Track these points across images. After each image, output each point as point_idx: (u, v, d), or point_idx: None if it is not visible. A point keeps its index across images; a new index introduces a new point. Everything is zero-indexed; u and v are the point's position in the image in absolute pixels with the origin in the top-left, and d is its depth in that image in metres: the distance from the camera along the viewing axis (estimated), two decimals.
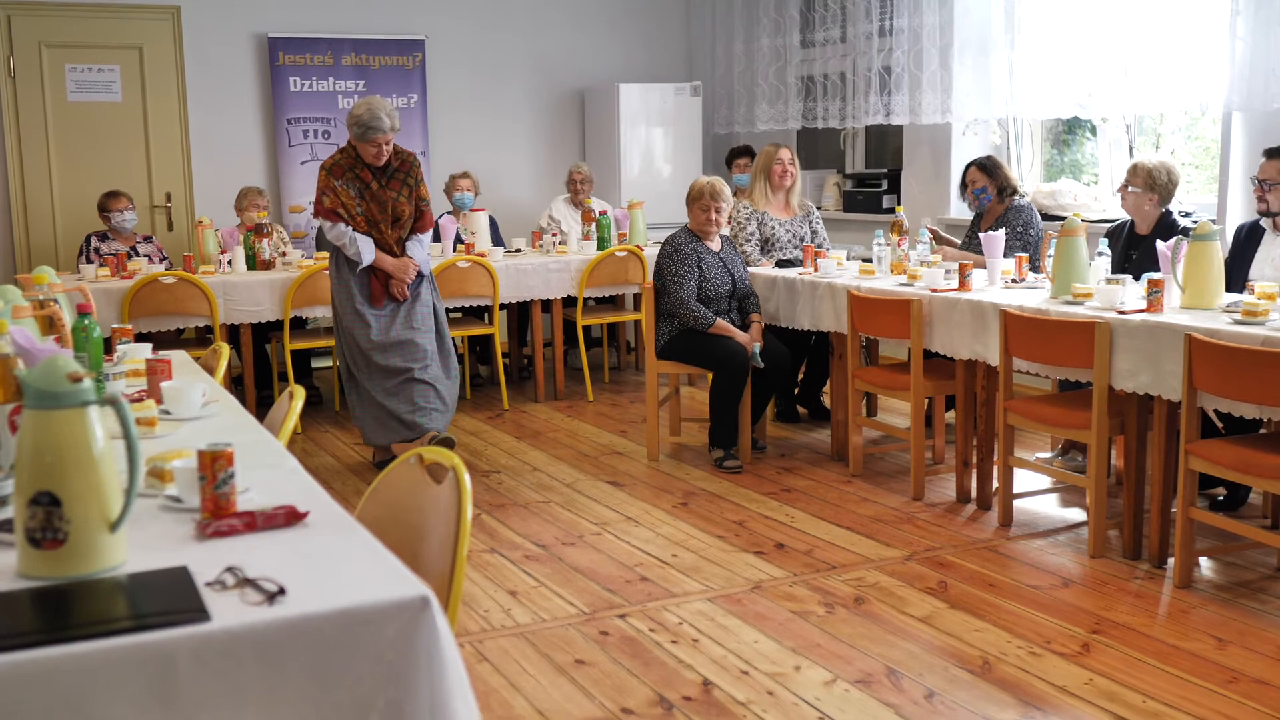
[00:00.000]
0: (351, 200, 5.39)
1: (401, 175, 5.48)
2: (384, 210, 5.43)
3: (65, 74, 7.83)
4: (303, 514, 2.08)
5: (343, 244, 5.43)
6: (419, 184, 5.58)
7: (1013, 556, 4.32)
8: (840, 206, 8.51)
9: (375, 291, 5.51)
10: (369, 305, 5.51)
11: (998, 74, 7.00)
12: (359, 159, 5.40)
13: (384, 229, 5.45)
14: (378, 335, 5.51)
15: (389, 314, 5.53)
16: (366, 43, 8.51)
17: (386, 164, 5.43)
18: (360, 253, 5.40)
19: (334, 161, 5.45)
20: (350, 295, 5.50)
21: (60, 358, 1.84)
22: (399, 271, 5.48)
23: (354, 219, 5.41)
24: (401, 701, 1.73)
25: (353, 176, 5.40)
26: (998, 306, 4.58)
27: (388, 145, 5.36)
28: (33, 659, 1.56)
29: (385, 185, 5.44)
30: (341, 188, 5.39)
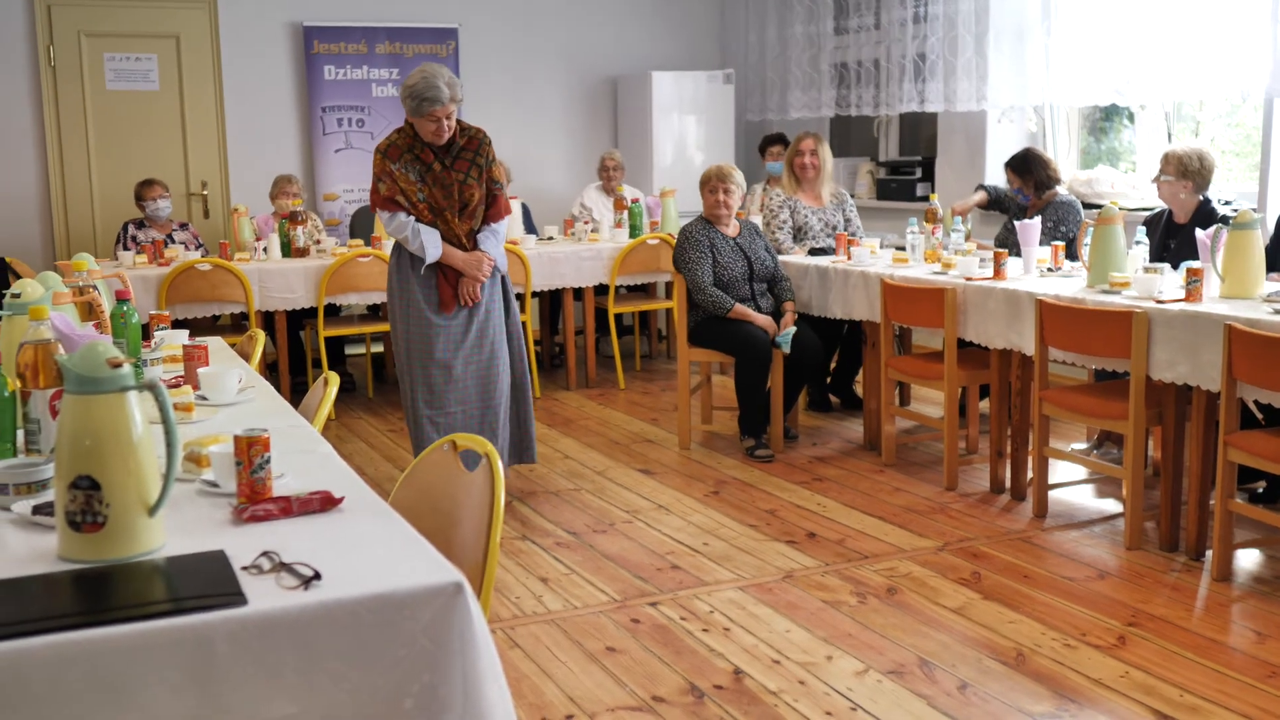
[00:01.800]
0: (412, 185, 4.63)
1: (469, 155, 4.69)
2: (449, 196, 4.66)
3: (104, 63, 7.89)
4: (338, 499, 2.09)
5: (403, 238, 4.69)
6: (491, 164, 4.76)
7: (1047, 548, 4.30)
8: (873, 194, 8.47)
9: (445, 296, 4.72)
10: (437, 313, 4.72)
11: (1034, 60, 6.94)
12: (418, 138, 4.63)
13: (450, 218, 4.68)
14: (444, 352, 4.72)
15: (460, 324, 4.75)
16: (400, 31, 8.52)
17: (451, 142, 4.65)
18: (425, 246, 4.64)
19: (389, 142, 4.69)
20: (414, 300, 4.73)
21: (100, 343, 1.86)
22: (470, 268, 4.70)
23: (415, 207, 4.65)
24: (435, 686, 1.74)
25: (412, 158, 4.63)
26: (1033, 295, 4.54)
27: (449, 119, 4.56)
28: (73, 640, 1.57)
29: (450, 166, 4.65)
30: (399, 171, 4.62)
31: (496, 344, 4.82)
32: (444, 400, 4.74)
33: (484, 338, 4.80)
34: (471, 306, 4.77)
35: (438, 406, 4.74)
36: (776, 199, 6.25)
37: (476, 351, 4.78)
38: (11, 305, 2.72)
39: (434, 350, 4.72)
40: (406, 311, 4.76)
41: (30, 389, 2.28)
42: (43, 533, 1.97)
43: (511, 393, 4.92)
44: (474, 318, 4.79)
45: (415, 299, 4.72)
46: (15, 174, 7.79)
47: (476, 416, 4.80)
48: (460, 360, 4.74)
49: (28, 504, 2.05)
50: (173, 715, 1.62)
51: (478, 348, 4.79)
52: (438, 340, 4.72)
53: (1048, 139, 7.33)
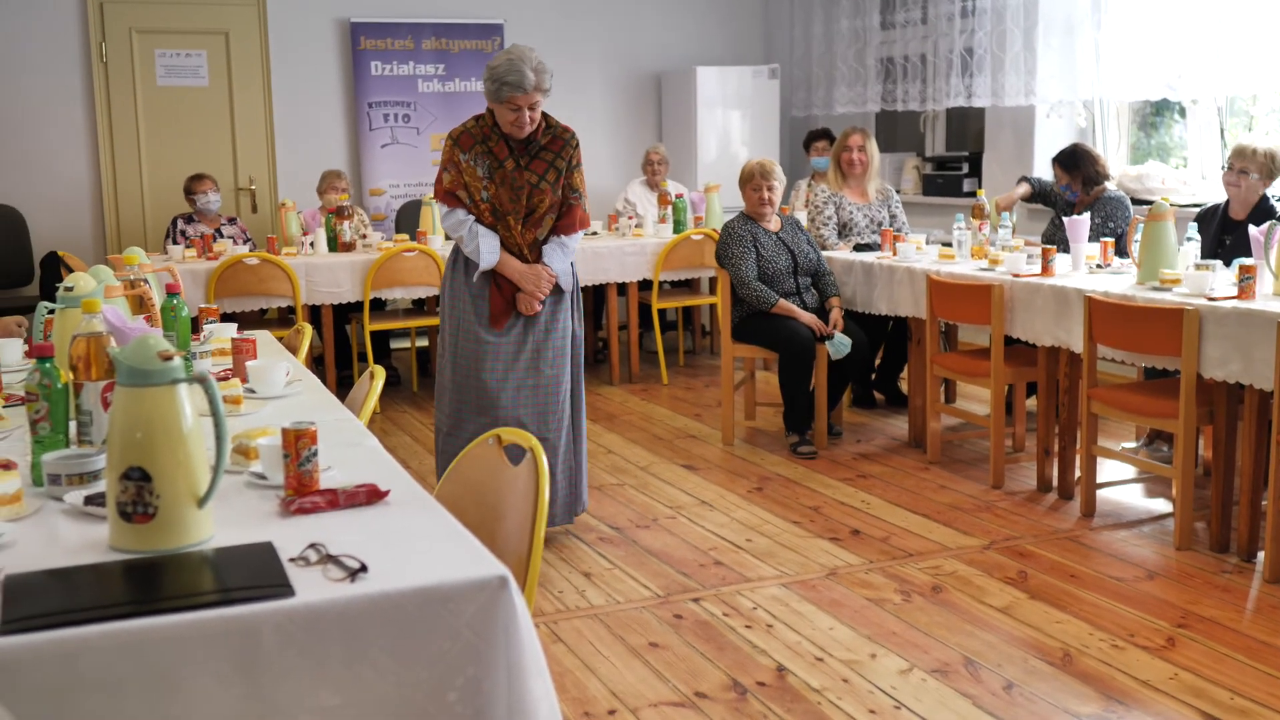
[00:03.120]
0: (477, 181, 4.13)
1: (550, 155, 4.17)
2: (516, 199, 4.14)
3: (155, 59, 7.98)
4: (384, 492, 2.10)
5: (459, 237, 4.19)
6: (573, 169, 4.24)
7: (1095, 547, 4.25)
8: (919, 190, 8.41)
9: (496, 308, 4.19)
10: (487, 327, 4.19)
11: (1083, 54, 6.87)
12: (495, 128, 4.14)
13: (513, 223, 4.16)
14: (493, 375, 4.16)
15: (513, 342, 4.20)
16: (446, 27, 8.56)
17: (531, 139, 4.15)
18: (480, 251, 4.13)
19: (463, 129, 4.19)
20: (463, 309, 4.23)
21: (151, 337, 1.88)
22: (527, 282, 4.17)
23: (477, 206, 4.15)
24: (480, 679, 1.74)
25: (483, 150, 4.13)
26: (1082, 292, 4.50)
27: (533, 111, 4.06)
28: (125, 629, 1.59)
29: (525, 166, 4.14)
30: (467, 163, 4.13)
31: (557, 370, 4.25)
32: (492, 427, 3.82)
33: (539, 360, 4.22)
34: (528, 320, 4.23)
35: (471, 436, 3.90)
36: (821, 195, 6.22)
37: (531, 375, 4.20)
38: (64, 298, 2.75)
39: (481, 371, 4.16)
40: (456, 322, 4.25)
41: (83, 381, 2.31)
42: (94, 523, 1.99)
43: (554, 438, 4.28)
44: (529, 336, 4.22)
45: (465, 309, 4.22)
46: (68, 169, 7.89)
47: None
48: (511, 385, 4.18)
49: (80, 494, 2.08)
50: (220, 704, 1.64)
51: (533, 370, 4.21)
52: (486, 360, 4.17)
53: (1097, 134, 7.25)
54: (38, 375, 2.25)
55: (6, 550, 1.87)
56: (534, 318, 4.21)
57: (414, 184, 8.55)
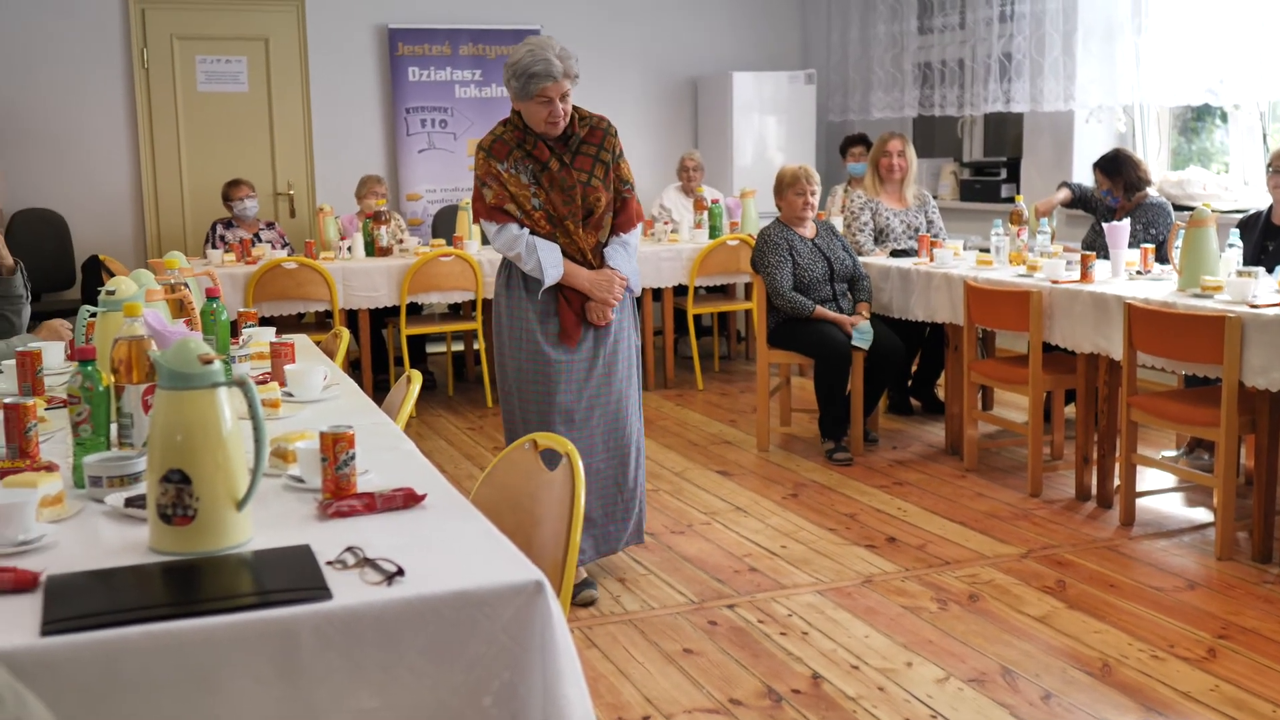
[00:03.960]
0: (524, 190, 3.78)
1: (592, 149, 3.86)
2: (570, 201, 3.80)
3: (195, 65, 8.06)
4: (420, 496, 2.10)
5: (515, 255, 3.80)
6: (618, 159, 3.94)
7: (1134, 557, 4.21)
8: (957, 195, 8.37)
9: (567, 324, 3.84)
10: (558, 346, 3.85)
11: (1124, 59, 6.81)
12: (529, 131, 3.79)
13: (573, 229, 3.82)
14: (567, 395, 3.83)
15: (585, 358, 3.87)
16: (483, 33, 8.59)
17: (569, 134, 3.82)
18: (543, 266, 3.76)
19: (494, 137, 3.83)
20: (528, 331, 3.85)
21: (192, 340, 1.89)
22: (599, 289, 3.83)
23: (530, 216, 3.79)
24: (515, 684, 1.74)
25: (523, 155, 3.78)
26: (1121, 299, 4.46)
27: (564, 101, 3.72)
28: (164, 631, 1.60)
29: (570, 165, 3.81)
30: (508, 173, 3.77)
31: (627, 383, 3.97)
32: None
33: (612, 374, 3.92)
34: (598, 331, 3.91)
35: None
36: (858, 200, 6.20)
37: (604, 390, 3.91)
38: (106, 302, 2.78)
39: (555, 393, 3.81)
40: (518, 344, 3.87)
41: (124, 384, 2.33)
42: (134, 525, 2.01)
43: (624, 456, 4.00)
44: (600, 349, 3.91)
45: (530, 330, 3.84)
46: (110, 173, 7.98)
47: (607, 475, 3.94)
48: (585, 403, 3.87)
49: (120, 496, 2.10)
50: (258, 706, 1.64)
51: (606, 385, 3.91)
52: (560, 381, 3.82)
53: (1137, 139, 7.18)
54: (80, 378, 2.28)
55: (49, 551, 1.89)
56: (603, 330, 3.90)
57: (450, 189, 8.59)
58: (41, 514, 2.01)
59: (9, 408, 2.34)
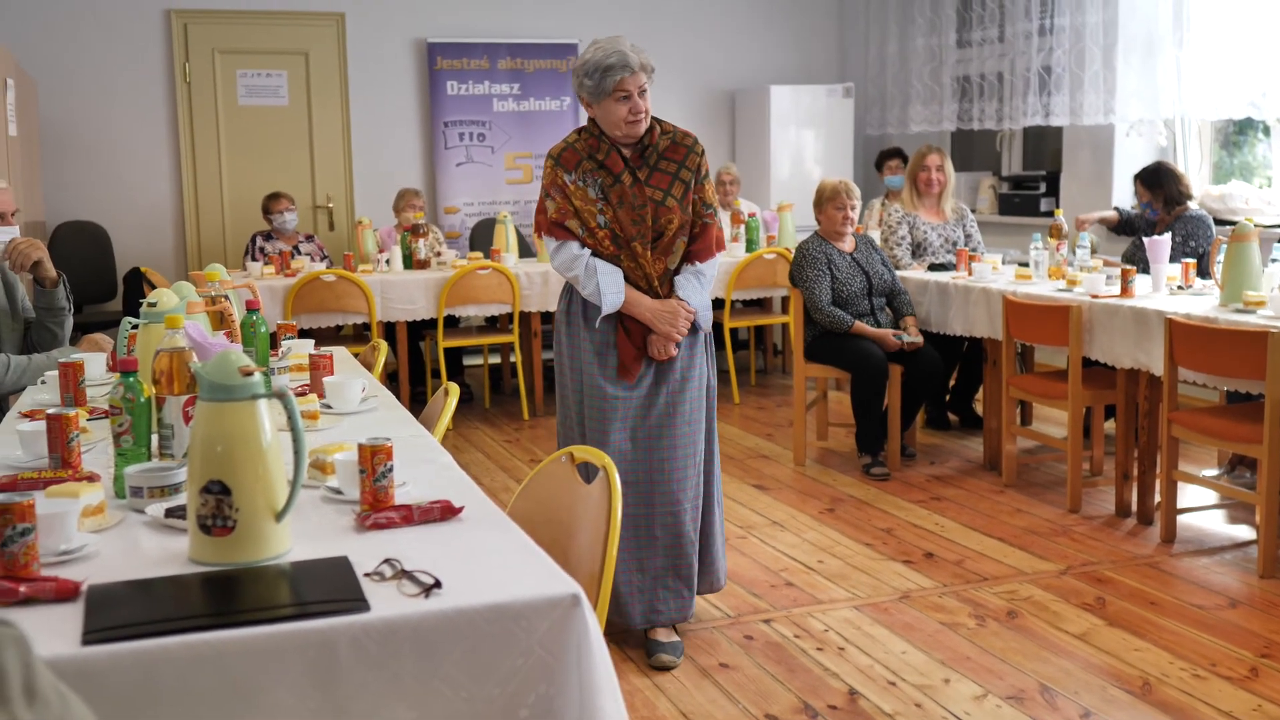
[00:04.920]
0: (590, 205, 3.44)
1: (672, 165, 3.49)
2: (640, 221, 3.44)
3: (236, 79, 8.14)
4: (458, 509, 2.11)
5: (573, 277, 3.48)
6: (702, 180, 3.55)
7: (1175, 574, 4.16)
8: (995, 209, 8.32)
9: (626, 357, 3.49)
10: (615, 380, 3.49)
11: (1165, 72, 6.76)
12: (604, 139, 3.46)
13: (640, 251, 3.45)
14: (621, 434, 3.46)
15: (642, 395, 3.50)
16: (522, 47, 8.63)
17: (647, 146, 3.48)
18: (602, 291, 3.42)
19: (565, 146, 3.51)
20: (584, 360, 3.52)
21: (233, 352, 1.91)
22: (661, 321, 3.46)
23: (593, 234, 3.45)
24: (552, 697, 1.74)
25: (594, 166, 3.45)
26: (1162, 314, 4.42)
27: (643, 98, 3.41)
28: (203, 641, 1.61)
29: (645, 180, 3.46)
30: (575, 185, 3.45)
31: (693, 425, 3.56)
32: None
33: (675, 414, 3.52)
34: (660, 368, 3.54)
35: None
36: (895, 214, 6.17)
37: (665, 434, 3.50)
38: (148, 314, 2.81)
39: (609, 431, 3.46)
40: (576, 375, 3.56)
41: (165, 395, 2.35)
42: (174, 535, 2.03)
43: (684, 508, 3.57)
44: (663, 385, 3.53)
45: (587, 361, 3.52)
46: (151, 186, 8.07)
47: (669, 527, 3.52)
48: (641, 445, 3.49)
49: (161, 507, 2.12)
50: (295, 717, 1.65)
51: (666, 428, 3.50)
52: (614, 418, 3.46)
53: (1178, 153, 7.12)
54: (121, 389, 2.30)
55: (90, 561, 1.91)
56: (668, 365, 3.52)
57: (488, 202, 8.63)
58: (83, 524, 2.03)
59: (52, 418, 2.37)
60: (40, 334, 3.94)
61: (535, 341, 6.93)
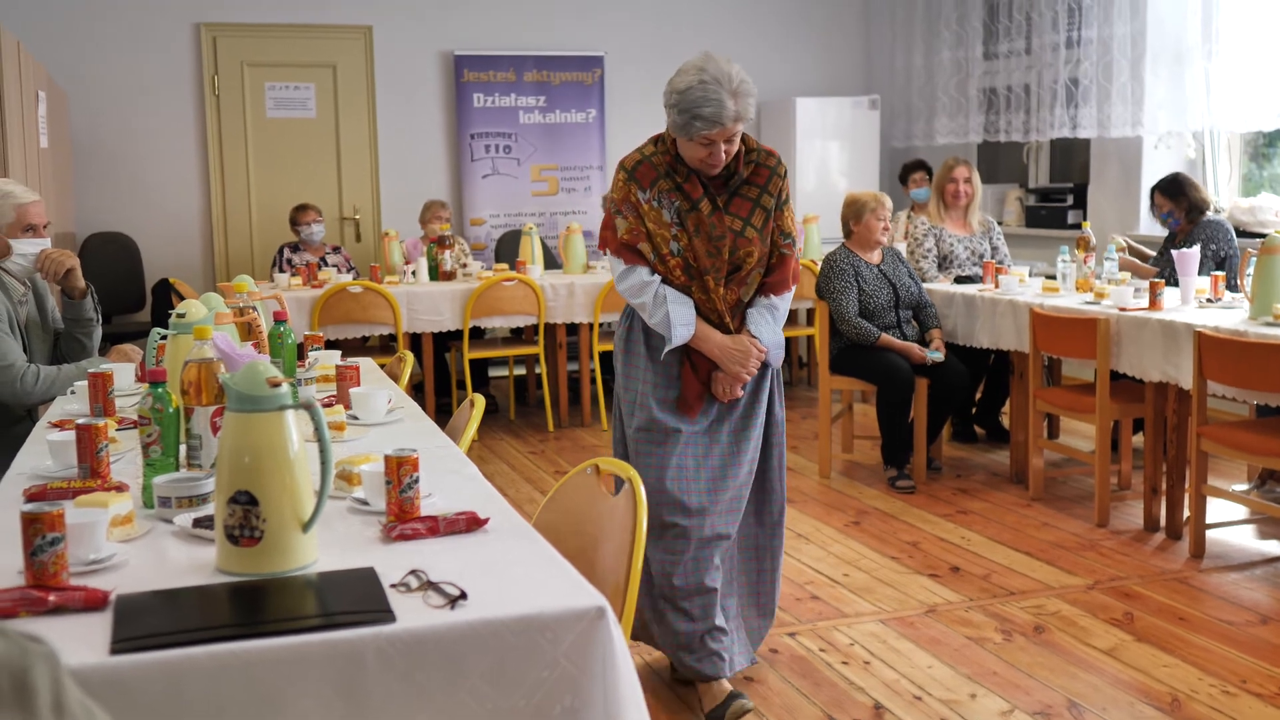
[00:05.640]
0: (664, 229, 3.14)
1: (754, 191, 3.21)
2: (716, 252, 3.15)
3: (265, 92, 8.20)
4: (483, 520, 2.11)
5: (640, 304, 3.20)
6: (781, 207, 3.26)
7: (1205, 589, 4.13)
8: (1022, 222, 8.29)
9: (689, 392, 3.23)
10: (674, 413, 3.23)
11: (1193, 85, 6.73)
12: (680, 158, 3.18)
13: (713, 285, 3.18)
14: (682, 472, 3.20)
15: (705, 433, 3.25)
16: (548, 59, 8.66)
17: (731, 172, 3.19)
18: (671, 322, 3.15)
19: (640, 159, 3.22)
20: (643, 392, 3.25)
21: (261, 363, 1.92)
22: (731, 360, 3.19)
23: (664, 262, 3.17)
24: (577, 709, 1.74)
25: (671, 187, 3.16)
26: (1191, 327, 4.38)
27: (729, 146, 3.11)
28: (230, 651, 1.62)
29: (724, 207, 3.18)
30: (649, 205, 3.15)
31: (750, 471, 3.33)
32: (676, 542, 3.20)
33: (740, 451, 3.29)
34: (725, 405, 3.28)
35: (672, 550, 3.21)
36: (921, 227, 6.16)
37: (729, 471, 3.27)
38: (177, 325, 2.82)
39: (665, 465, 3.20)
40: (632, 405, 3.29)
41: (193, 406, 2.36)
42: (202, 545, 2.04)
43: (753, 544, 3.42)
44: (725, 423, 3.29)
45: (645, 391, 3.25)
46: (180, 198, 8.13)
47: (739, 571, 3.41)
48: (702, 486, 3.23)
49: (189, 517, 2.13)
50: None
51: (732, 465, 3.27)
52: (673, 455, 3.21)
53: (1206, 165, 7.08)
54: (150, 400, 2.31)
55: (118, 570, 1.92)
56: (730, 403, 3.29)
57: (514, 214, 8.66)
58: (112, 533, 2.04)
59: (81, 428, 2.39)
60: (69, 345, 3.97)
61: (560, 353, 6.94)
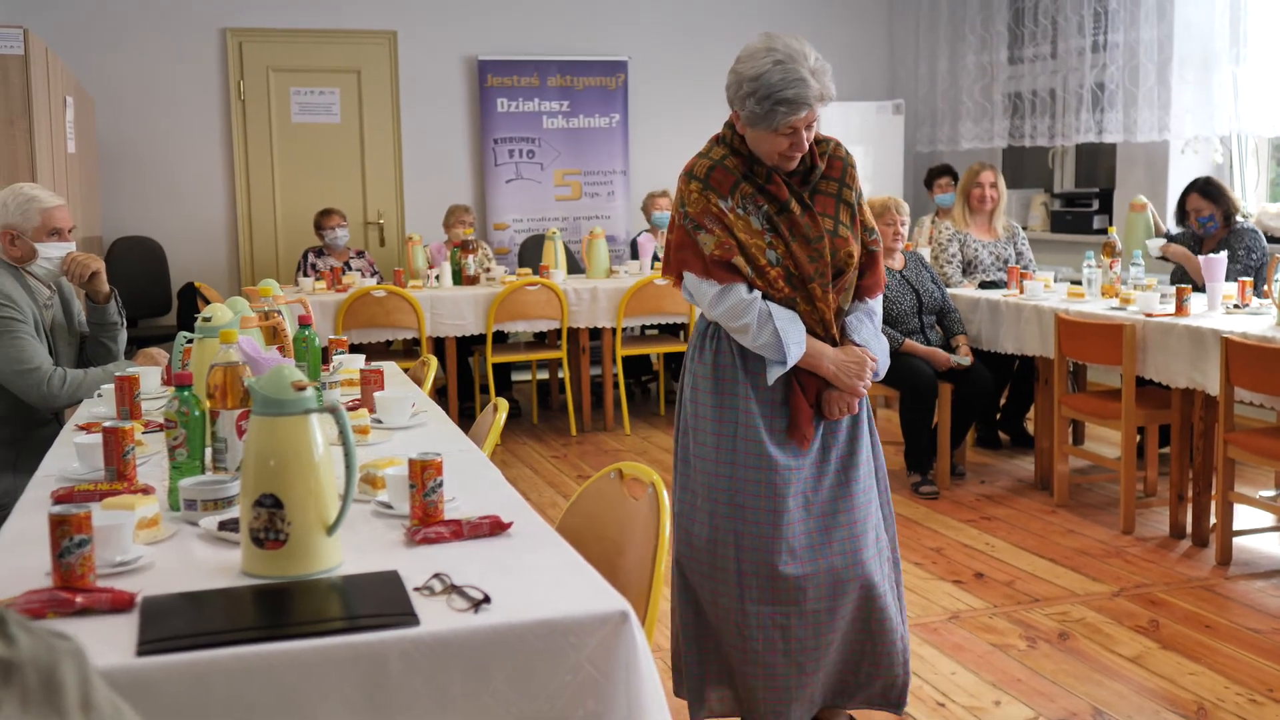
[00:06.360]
0: (757, 238, 2.79)
1: (832, 185, 2.89)
2: (818, 254, 2.80)
3: (290, 97, 8.24)
4: (507, 524, 2.11)
5: (741, 326, 2.79)
6: (860, 200, 2.94)
7: (1231, 597, 4.09)
8: (1047, 227, 8.25)
9: (800, 417, 2.84)
10: (783, 446, 2.84)
11: (1221, 89, 6.68)
12: (753, 158, 2.85)
13: (819, 293, 2.82)
14: (795, 513, 2.82)
15: (813, 464, 2.87)
16: (571, 64, 8.68)
17: (810, 166, 2.88)
18: (785, 342, 2.76)
19: (711, 165, 2.87)
20: (747, 426, 2.84)
21: (286, 367, 1.92)
22: (847, 374, 2.83)
23: (763, 275, 2.79)
24: (600, 714, 1.74)
25: (753, 191, 2.82)
26: (1218, 333, 4.35)
27: (809, 130, 2.79)
28: (254, 653, 1.63)
29: (810, 205, 2.85)
30: (734, 214, 2.79)
31: (868, 497, 2.93)
32: (792, 592, 2.83)
33: (851, 481, 2.90)
34: (825, 429, 2.90)
35: (785, 600, 2.83)
36: (945, 232, 6.13)
37: (842, 504, 2.88)
38: (202, 329, 2.84)
39: (780, 507, 2.81)
40: (729, 445, 2.86)
41: (219, 409, 2.37)
42: (227, 547, 2.04)
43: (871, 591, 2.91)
44: (832, 447, 2.90)
45: (750, 425, 2.84)
46: (206, 202, 8.18)
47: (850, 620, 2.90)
48: (815, 522, 2.86)
49: (214, 519, 2.14)
50: None
51: (842, 496, 2.88)
52: (788, 492, 2.82)
53: (1234, 170, 7.03)
54: (176, 403, 2.32)
55: (145, 573, 1.93)
56: (833, 424, 2.91)
57: (537, 219, 8.67)
58: (138, 536, 2.05)
59: (108, 431, 2.40)
60: (95, 349, 4.00)
61: (583, 357, 6.95)
